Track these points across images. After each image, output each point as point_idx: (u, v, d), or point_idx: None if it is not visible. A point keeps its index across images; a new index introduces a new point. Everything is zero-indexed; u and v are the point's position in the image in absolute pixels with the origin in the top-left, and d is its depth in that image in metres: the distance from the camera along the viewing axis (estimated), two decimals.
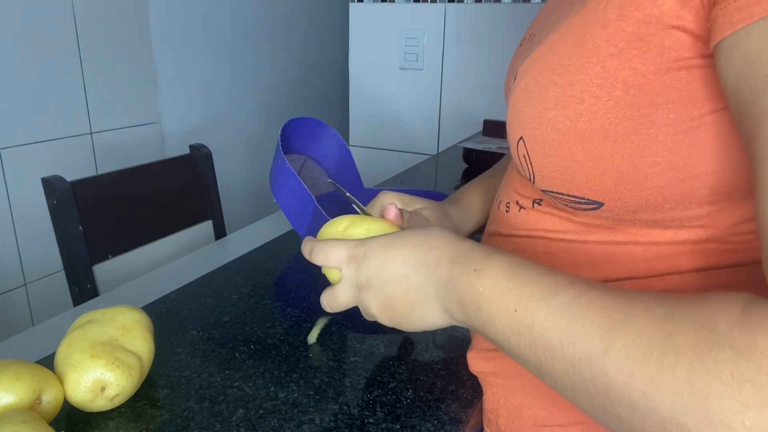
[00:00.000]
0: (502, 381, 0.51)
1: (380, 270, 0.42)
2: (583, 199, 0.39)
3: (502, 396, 0.51)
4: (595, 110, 0.36)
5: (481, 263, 0.38)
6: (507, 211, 0.51)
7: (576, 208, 0.41)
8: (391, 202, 0.56)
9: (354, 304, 0.47)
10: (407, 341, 0.63)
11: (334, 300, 0.47)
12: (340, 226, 0.50)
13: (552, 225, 0.45)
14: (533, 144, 0.40)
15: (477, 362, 0.54)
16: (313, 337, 0.62)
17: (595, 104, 0.36)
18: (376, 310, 0.44)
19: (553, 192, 0.41)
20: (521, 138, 0.41)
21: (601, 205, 0.39)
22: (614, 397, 0.29)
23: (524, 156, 0.41)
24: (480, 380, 0.55)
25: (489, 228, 0.56)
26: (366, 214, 0.56)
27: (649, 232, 0.40)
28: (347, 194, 0.58)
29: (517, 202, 0.49)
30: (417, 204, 0.60)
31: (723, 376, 0.25)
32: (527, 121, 0.40)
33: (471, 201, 0.67)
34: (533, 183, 0.43)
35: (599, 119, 0.36)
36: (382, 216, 0.54)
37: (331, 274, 0.49)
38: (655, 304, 0.30)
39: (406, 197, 0.60)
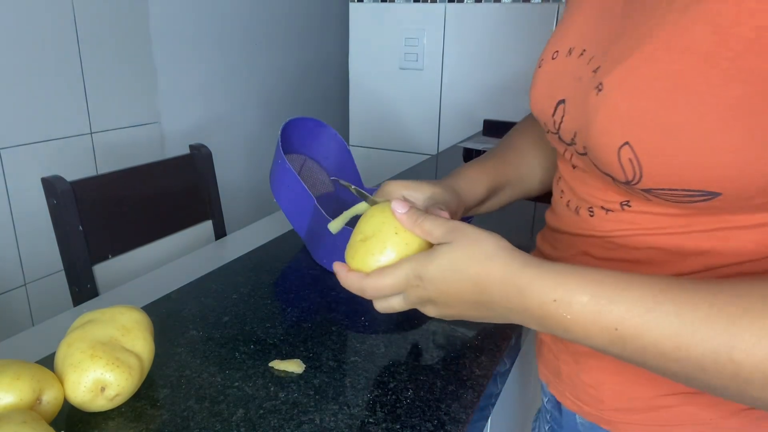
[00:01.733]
0: (605, 363, 0.52)
1: (445, 298, 0.45)
2: (698, 191, 0.40)
3: (611, 370, 0.52)
4: (718, 109, 0.37)
5: (560, 292, 0.40)
6: (591, 216, 0.52)
7: (685, 201, 0.42)
8: (398, 195, 0.55)
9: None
10: (407, 341, 0.63)
11: (391, 308, 0.49)
12: (365, 247, 0.48)
13: (648, 222, 0.47)
14: (646, 147, 0.41)
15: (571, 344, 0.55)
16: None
17: (716, 104, 0.37)
18: (440, 315, 0.48)
19: (662, 189, 0.42)
20: (626, 143, 0.41)
21: (716, 195, 0.40)
22: (743, 379, 0.34)
23: (630, 160, 0.42)
24: (575, 356, 0.56)
25: (568, 229, 0.56)
26: (374, 201, 0.54)
27: (755, 216, 0.42)
28: (352, 188, 0.56)
29: (602, 207, 0.50)
30: (426, 189, 0.58)
31: None
32: (636, 126, 0.41)
33: (469, 173, 0.66)
34: (635, 184, 0.43)
35: (723, 118, 0.37)
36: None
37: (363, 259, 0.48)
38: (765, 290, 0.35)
39: (413, 183, 0.58)
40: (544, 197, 0.69)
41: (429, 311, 0.48)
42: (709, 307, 0.35)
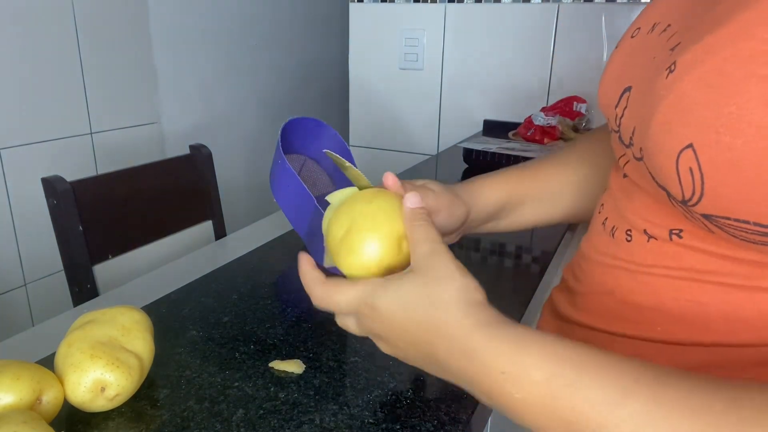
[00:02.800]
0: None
1: (394, 338, 0.39)
2: None
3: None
4: None
5: (509, 364, 0.32)
6: (629, 240, 0.42)
7: (758, 242, 0.32)
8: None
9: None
10: None
11: (347, 327, 0.43)
12: (339, 232, 0.43)
13: (701, 263, 0.36)
14: (714, 154, 0.30)
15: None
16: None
17: None
18: (393, 354, 0.42)
19: (728, 218, 0.32)
20: (689, 146, 0.31)
21: None
22: None
23: (691, 169, 0.31)
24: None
25: (596, 256, 0.46)
26: (362, 181, 0.49)
27: None
28: (343, 162, 0.51)
29: (645, 231, 0.40)
30: (419, 181, 0.51)
31: None
32: (705, 125, 0.30)
33: (481, 182, 0.56)
34: (693, 205, 0.33)
35: None
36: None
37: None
38: (739, 397, 0.27)
39: (421, 182, 0.51)
40: None
41: (382, 347, 0.42)
42: (686, 409, 0.27)
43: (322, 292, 0.42)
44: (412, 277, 0.37)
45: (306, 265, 0.43)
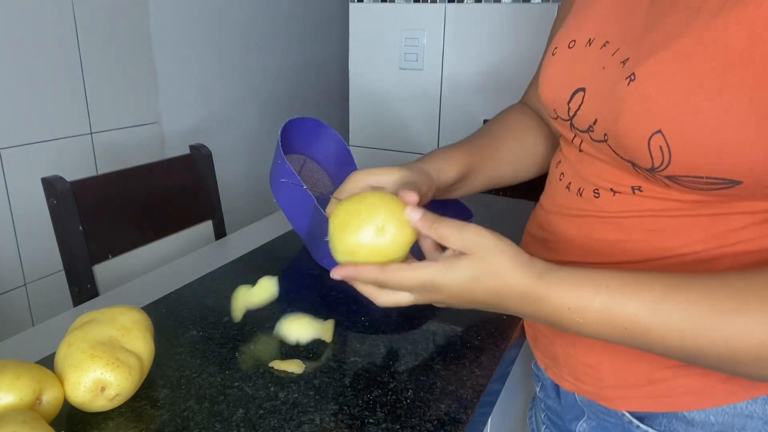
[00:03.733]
0: (604, 347, 0.53)
1: (458, 301, 0.48)
2: (722, 179, 0.43)
3: (609, 350, 0.53)
4: (749, 105, 0.40)
5: (573, 300, 0.43)
6: (596, 197, 0.53)
7: (705, 189, 0.45)
8: (365, 186, 0.56)
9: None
10: (407, 341, 0.63)
11: (397, 303, 0.49)
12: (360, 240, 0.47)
13: (657, 205, 0.49)
14: (678, 136, 0.43)
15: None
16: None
17: (747, 101, 0.40)
18: (444, 306, 0.50)
19: (688, 176, 0.44)
20: (658, 132, 0.43)
21: (738, 183, 0.43)
22: (742, 362, 0.39)
23: (660, 147, 0.44)
24: (572, 339, 0.57)
25: (568, 211, 0.57)
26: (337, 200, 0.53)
27: (762, 203, 0.45)
28: (318, 193, 0.55)
29: (611, 189, 0.52)
30: (394, 173, 0.58)
31: None
32: (669, 117, 0.43)
33: (438, 156, 0.65)
34: (661, 170, 0.45)
35: (750, 115, 0.40)
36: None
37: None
38: (760, 284, 0.39)
39: (380, 170, 0.58)
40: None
41: (434, 304, 0.50)
42: (709, 303, 0.39)
43: (391, 275, 0.47)
44: (469, 260, 0.46)
45: (350, 266, 0.49)
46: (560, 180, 0.59)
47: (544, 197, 0.63)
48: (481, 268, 0.45)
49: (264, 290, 0.66)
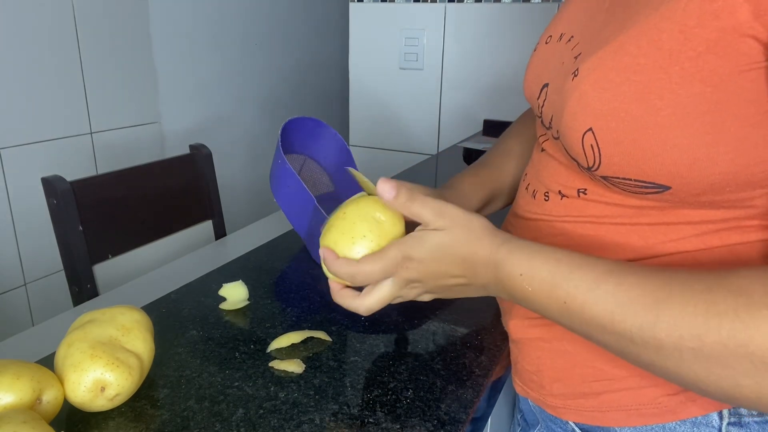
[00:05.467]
0: (548, 345, 0.53)
1: (433, 277, 0.48)
2: (651, 183, 0.43)
3: (548, 358, 0.53)
4: (675, 105, 0.39)
5: (526, 267, 0.44)
6: (546, 200, 0.54)
7: (638, 192, 0.44)
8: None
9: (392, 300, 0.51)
10: (407, 341, 0.63)
11: (379, 300, 0.49)
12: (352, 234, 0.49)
13: (599, 211, 0.49)
14: (606, 135, 0.43)
15: (520, 330, 0.56)
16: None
17: (674, 100, 0.39)
18: (418, 296, 0.51)
19: (618, 178, 0.44)
20: (589, 130, 0.43)
21: (667, 188, 0.42)
22: (664, 354, 0.38)
23: (591, 146, 0.44)
24: (518, 345, 0.57)
25: (523, 213, 0.58)
26: (369, 186, 0.56)
27: (701, 212, 0.44)
28: (355, 173, 0.57)
29: (559, 192, 0.52)
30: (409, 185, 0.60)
31: (762, 328, 0.33)
32: (599, 114, 0.43)
33: (464, 187, 0.68)
34: (595, 170, 0.45)
35: (678, 114, 0.39)
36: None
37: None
38: (693, 280, 0.38)
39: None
40: None
41: (412, 293, 0.50)
42: (641, 289, 0.39)
43: (362, 268, 0.47)
44: (440, 232, 0.47)
45: (331, 256, 0.49)
46: (524, 180, 0.60)
47: (514, 200, 0.64)
48: (450, 237, 0.47)
49: (231, 295, 0.70)
